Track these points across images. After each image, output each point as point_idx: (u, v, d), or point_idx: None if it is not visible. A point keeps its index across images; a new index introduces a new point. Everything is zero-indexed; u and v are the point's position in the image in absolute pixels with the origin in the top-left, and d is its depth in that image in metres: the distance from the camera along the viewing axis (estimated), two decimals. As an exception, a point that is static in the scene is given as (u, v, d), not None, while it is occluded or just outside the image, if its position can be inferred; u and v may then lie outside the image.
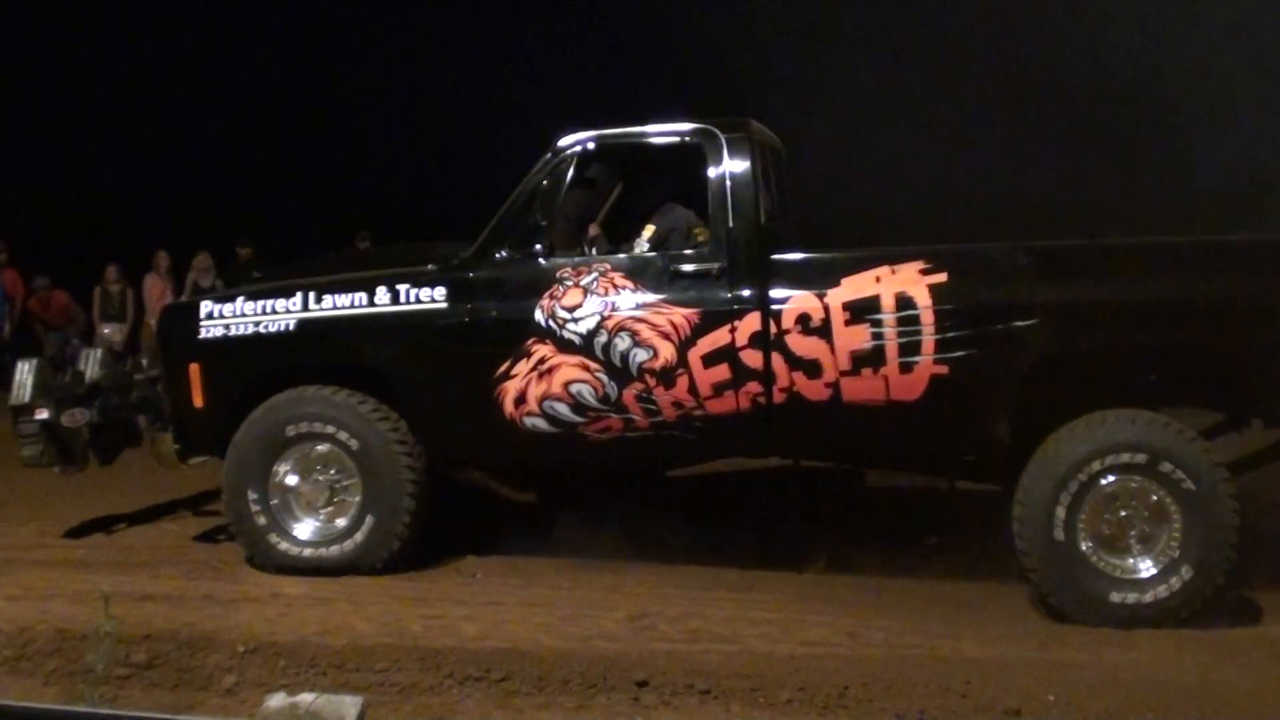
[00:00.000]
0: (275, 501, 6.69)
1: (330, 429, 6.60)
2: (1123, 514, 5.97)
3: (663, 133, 6.68)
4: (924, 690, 5.09)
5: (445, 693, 5.16)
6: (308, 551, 6.65)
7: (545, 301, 6.42)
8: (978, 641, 5.75)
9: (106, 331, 14.59)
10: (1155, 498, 5.92)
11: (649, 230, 6.79)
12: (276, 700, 4.92)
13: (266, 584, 6.51)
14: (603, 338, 6.35)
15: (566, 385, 6.39)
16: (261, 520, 6.68)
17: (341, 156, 18.94)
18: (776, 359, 6.21)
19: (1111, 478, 5.96)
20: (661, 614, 6.01)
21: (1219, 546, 5.83)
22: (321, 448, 6.66)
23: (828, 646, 5.65)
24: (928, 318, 6.08)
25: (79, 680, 5.15)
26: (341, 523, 6.66)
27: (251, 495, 6.67)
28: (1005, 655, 5.57)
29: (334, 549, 6.62)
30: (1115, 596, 5.92)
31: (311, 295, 6.70)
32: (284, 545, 6.67)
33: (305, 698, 4.91)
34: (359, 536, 6.60)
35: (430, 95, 19.09)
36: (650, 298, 6.36)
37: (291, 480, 6.71)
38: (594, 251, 6.74)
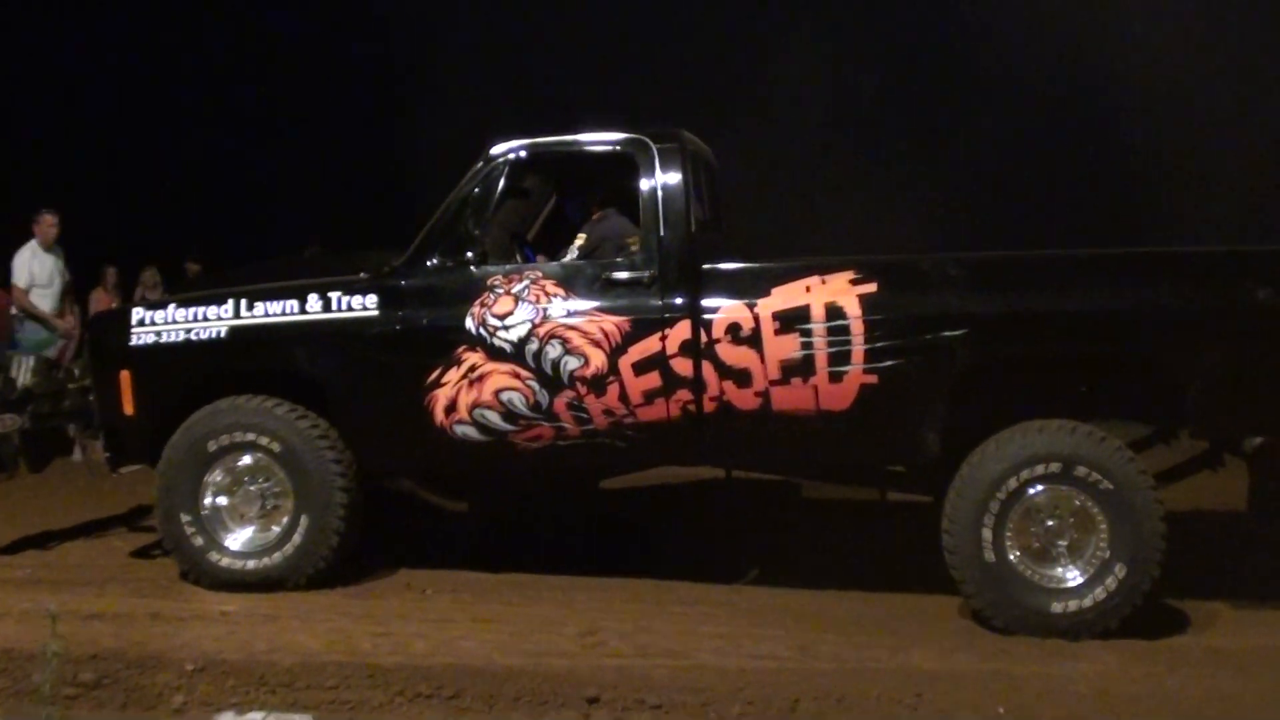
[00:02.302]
0: (209, 519, 6.65)
1: (250, 436, 6.57)
2: (1049, 524, 5.99)
3: (594, 142, 6.70)
4: (874, 703, 5.11)
5: (395, 710, 5.13)
6: (250, 563, 6.61)
7: (476, 309, 6.41)
8: (928, 654, 5.73)
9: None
10: (1077, 503, 5.94)
11: (580, 239, 6.82)
12: (225, 719, 4.90)
13: (214, 602, 6.46)
14: (534, 345, 6.35)
15: (497, 393, 6.38)
16: (198, 541, 6.64)
17: (293, 171, 18.87)
18: (707, 368, 6.22)
19: (1030, 491, 5.97)
20: (612, 629, 5.99)
21: (1148, 539, 5.84)
22: (246, 459, 6.63)
23: (778, 660, 5.62)
24: (857, 328, 6.09)
25: (26, 700, 5.11)
26: (277, 529, 6.63)
27: (185, 518, 6.63)
28: (955, 667, 5.56)
29: (275, 556, 6.59)
30: (1056, 607, 5.92)
31: (243, 302, 6.68)
32: (225, 561, 6.64)
33: (254, 716, 4.94)
34: (297, 539, 6.56)
35: (383, 108, 19.09)
36: (581, 305, 6.36)
37: (222, 499, 6.68)
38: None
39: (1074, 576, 5.97)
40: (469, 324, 6.41)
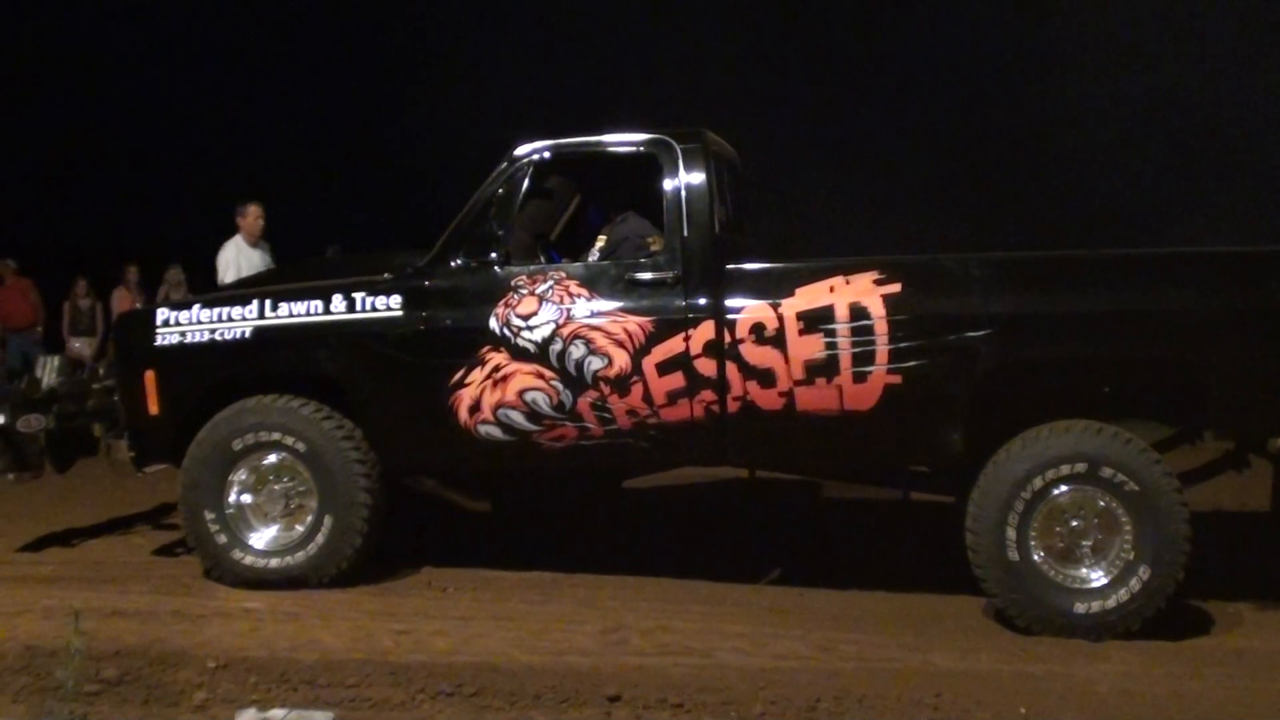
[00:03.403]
0: (233, 517, 6.68)
1: (276, 435, 6.61)
2: (1073, 524, 5.98)
3: (618, 142, 6.70)
4: (895, 703, 5.09)
5: (417, 708, 5.13)
6: (274, 562, 6.64)
7: (500, 310, 6.43)
8: (949, 654, 5.73)
9: (77, 346, 14.58)
10: (1102, 504, 5.94)
11: (601, 240, 6.83)
12: (247, 716, 4.92)
13: (236, 599, 6.49)
14: (557, 346, 6.36)
15: (521, 393, 6.39)
16: (222, 539, 6.68)
17: (310, 172, 18.91)
18: (730, 368, 6.22)
19: (1055, 491, 5.97)
20: (633, 628, 5.99)
21: (1172, 541, 5.84)
22: (271, 458, 6.66)
23: (799, 660, 5.62)
24: (881, 328, 6.08)
25: (49, 697, 5.11)
26: (300, 528, 6.66)
27: (209, 515, 6.67)
28: (976, 668, 5.56)
29: (299, 555, 6.62)
30: (1080, 607, 5.92)
31: (268, 303, 6.71)
32: (248, 559, 6.67)
33: (276, 714, 4.92)
34: (320, 538, 6.59)
35: (403, 108, 19.12)
36: (605, 306, 6.37)
37: (247, 497, 6.71)
38: None
39: (1098, 577, 5.96)
40: (493, 324, 6.42)
